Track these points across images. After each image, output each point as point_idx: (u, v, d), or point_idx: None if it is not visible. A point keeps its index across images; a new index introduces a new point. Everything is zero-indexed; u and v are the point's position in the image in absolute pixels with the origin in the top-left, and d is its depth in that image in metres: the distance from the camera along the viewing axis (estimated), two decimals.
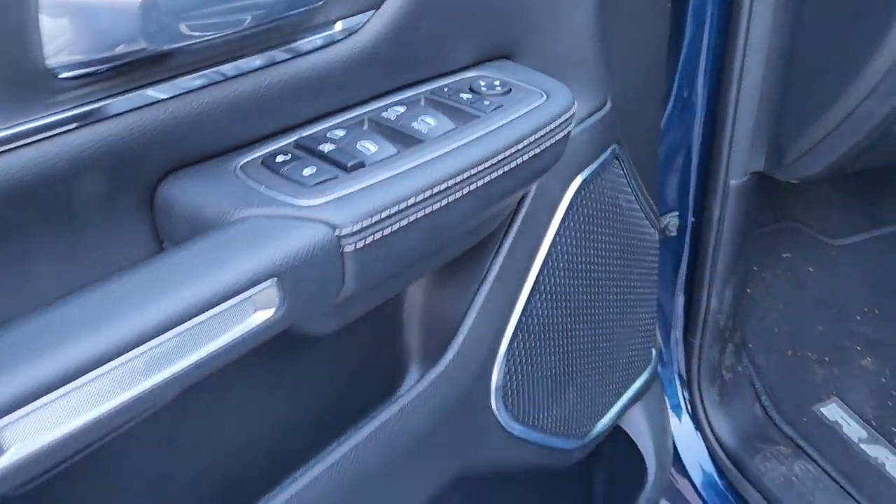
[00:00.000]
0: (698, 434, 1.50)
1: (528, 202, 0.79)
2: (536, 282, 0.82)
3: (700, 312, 1.44)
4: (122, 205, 0.51)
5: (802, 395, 1.56)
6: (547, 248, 0.82)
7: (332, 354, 0.72)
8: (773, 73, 1.14)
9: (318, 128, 0.59)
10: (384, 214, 0.53)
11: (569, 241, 0.86)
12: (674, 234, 1.39)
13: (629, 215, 0.97)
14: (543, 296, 0.84)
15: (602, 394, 1.02)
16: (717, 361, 1.50)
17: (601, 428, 1.05)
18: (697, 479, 1.46)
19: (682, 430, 1.49)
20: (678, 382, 1.51)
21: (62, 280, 0.48)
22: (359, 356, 0.76)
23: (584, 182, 0.85)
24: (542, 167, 0.68)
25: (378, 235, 0.54)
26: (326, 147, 0.56)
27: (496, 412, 0.81)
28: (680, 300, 1.45)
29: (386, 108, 0.62)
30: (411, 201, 0.55)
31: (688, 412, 1.50)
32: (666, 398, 1.51)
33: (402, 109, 0.62)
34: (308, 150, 0.57)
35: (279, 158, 0.55)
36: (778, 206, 1.93)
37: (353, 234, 0.52)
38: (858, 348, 1.65)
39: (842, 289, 1.78)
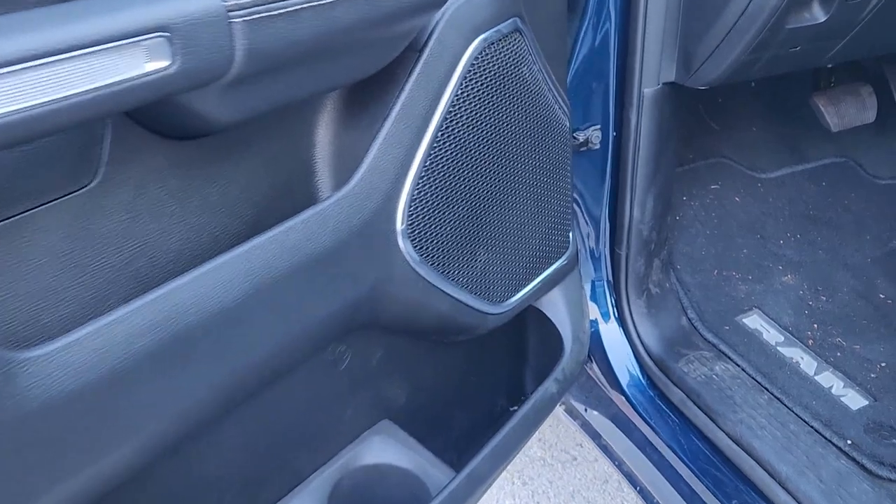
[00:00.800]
0: (625, 340, 1.58)
1: (427, 50, 0.86)
2: (439, 129, 0.89)
3: (624, 223, 1.52)
4: None
5: (726, 308, 1.64)
6: (448, 98, 0.89)
7: (249, 175, 0.79)
8: None
9: None
10: None
11: (472, 98, 0.93)
12: (597, 146, 1.48)
13: (535, 93, 1.04)
14: (447, 145, 0.91)
15: (516, 267, 1.09)
16: (643, 273, 1.59)
17: (517, 300, 1.12)
18: (624, 381, 1.54)
19: (610, 335, 1.56)
20: (607, 290, 1.59)
21: None
22: (275, 183, 0.82)
23: (485, 43, 0.92)
24: None
25: (265, 14, 0.61)
26: None
27: (402, 247, 0.87)
28: (606, 211, 1.54)
29: None
30: None
31: (616, 319, 1.58)
32: (595, 305, 1.59)
33: None
34: None
35: None
36: (708, 145, 2.02)
37: (241, 7, 0.59)
38: (780, 267, 1.75)
39: (766, 216, 1.88)
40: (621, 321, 1.58)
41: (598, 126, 1.45)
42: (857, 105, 1.79)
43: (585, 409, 1.69)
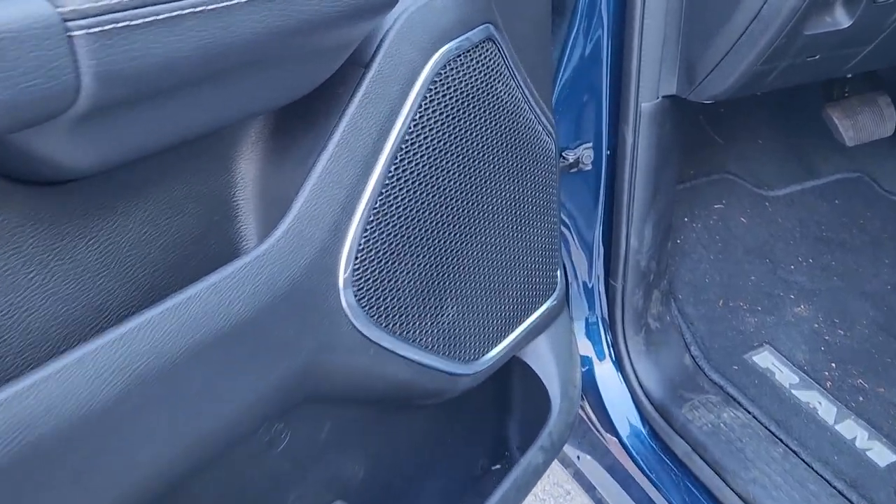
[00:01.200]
0: (623, 382, 1.41)
1: (375, 66, 0.69)
2: (392, 163, 0.72)
3: (620, 253, 1.36)
4: None
5: (733, 344, 1.48)
6: (403, 124, 0.72)
7: (144, 226, 0.62)
8: None
9: None
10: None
11: (434, 123, 0.76)
12: (589, 167, 1.31)
13: (514, 112, 0.88)
14: (403, 181, 0.74)
15: (494, 317, 0.92)
16: (641, 308, 1.42)
17: (495, 356, 0.95)
18: (622, 429, 1.37)
19: (605, 377, 1.40)
20: (601, 327, 1.43)
21: None
22: (180, 236, 0.65)
23: (450, 55, 0.76)
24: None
25: (124, 23, 0.44)
26: None
27: (346, 308, 0.71)
28: (599, 239, 1.37)
29: None
30: None
31: (612, 359, 1.41)
32: (589, 342, 1.42)
33: None
34: None
35: None
36: (711, 160, 1.86)
37: (85, 15, 0.42)
38: (792, 297, 1.58)
39: (775, 239, 1.71)
40: (618, 361, 1.41)
41: (590, 144, 1.29)
42: (875, 117, 1.63)
43: (578, 457, 1.52)
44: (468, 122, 0.80)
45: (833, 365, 1.42)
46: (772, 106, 1.87)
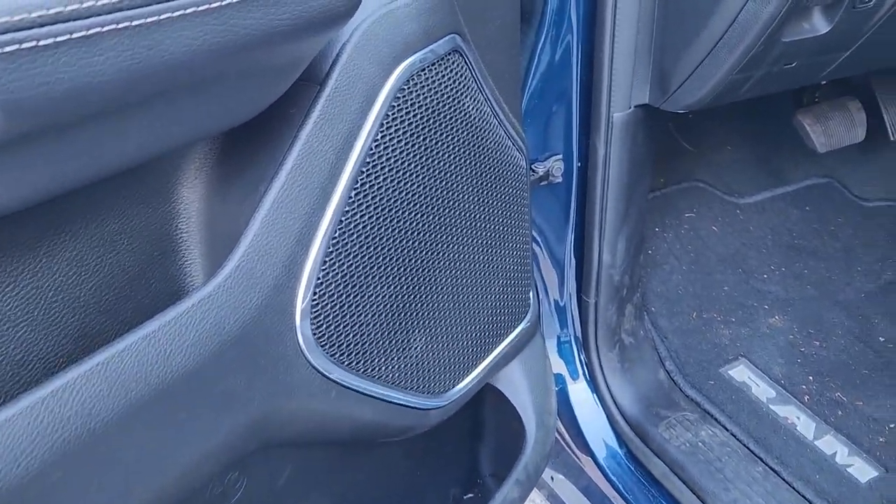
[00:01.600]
0: (597, 401, 1.37)
1: (332, 83, 0.63)
2: (353, 188, 0.66)
3: (592, 268, 1.31)
4: None
5: (708, 357, 1.44)
6: (364, 145, 0.66)
7: (72, 267, 0.55)
8: None
9: None
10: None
11: (398, 142, 0.70)
12: (559, 180, 1.26)
13: (483, 128, 0.82)
14: (364, 207, 0.68)
15: (464, 346, 0.86)
16: (615, 324, 1.37)
17: (466, 386, 0.89)
18: (597, 449, 1.33)
19: (580, 396, 1.35)
20: (574, 345, 1.38)
21: None
22: (114, 277, 0.58)
23: (413, 69, 0.70)
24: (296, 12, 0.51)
25: (29, 44, 0.37)
26: None
27: (304, 350, 0.64)
28: (571, 254, 1.32)
29: None
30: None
31: (586, 377, 1.36)
32: (562, 361, 1.37)
33: None
34: None
35: None
36: (681, 167, 1.83)
37: None
38: (766, 307, 1.55)
39: (747, 247, 1.69)
40: (592, 380, 1.37)
41: (560, 156, 1.24)
42: (846, 122, 1.61)
43: (552, 478, 1.47)
44: (434, 141, 0.74)
45: (810, 378, 1.39)
46: (741, 112, 1.84)
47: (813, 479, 1.20)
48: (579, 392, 1.39)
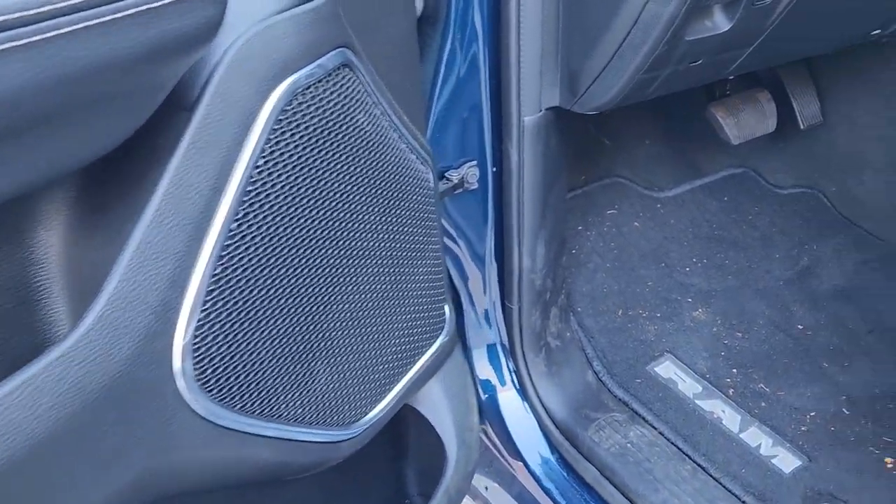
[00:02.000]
0: (527, 407, 1.35)
1: (202, 108, 0.58)
2: (234, 219, 0.61)
3: (514, 273, 1.29)
4: None
5: (635, 355, 1.44)
6: (244, 173, 0.61)
7: None
8: None
9: None
10: None
11: (283, 167, 0.66)
12: (475, 186, 1.23)
13: (380, 143, 0.78)
14: (250, 238, 0.63)
15: (375, 371, 0.82)
16: (540, 328, 1.36)
17: (380, 413, 0.86)
18: (529, 456, 1.31)
19: (509, 403, 1.33)
20: (501, 351, 1.35)
21: None
22: None
23: (298, 87, 0.65)
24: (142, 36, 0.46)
25: None
26: None
27: (189, 400, 0.59)
28: (492, 261, 1.30)
29: None
30: None
31: (514, 384, 1.34)
32: (491, 368, 1.35)
33: None
34: None
35: None
36: (600, 164, 1.82)
37: None
38: (689, 300, 1.56)
39: (669, 241, 1.69)
40: (521, 386, 1.35)
41: (475, 162, 1.21)
42: (757, 114, 1.63)
43: (486, 487, 1.44)
44: (326, 163, 0.70)
45: (734, 371, 1.40)
46: (658, 106, 1.84)
47: (739, 474, 1.21)
48: (509, 399, 1.37)
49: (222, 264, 0.60)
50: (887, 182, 1.70)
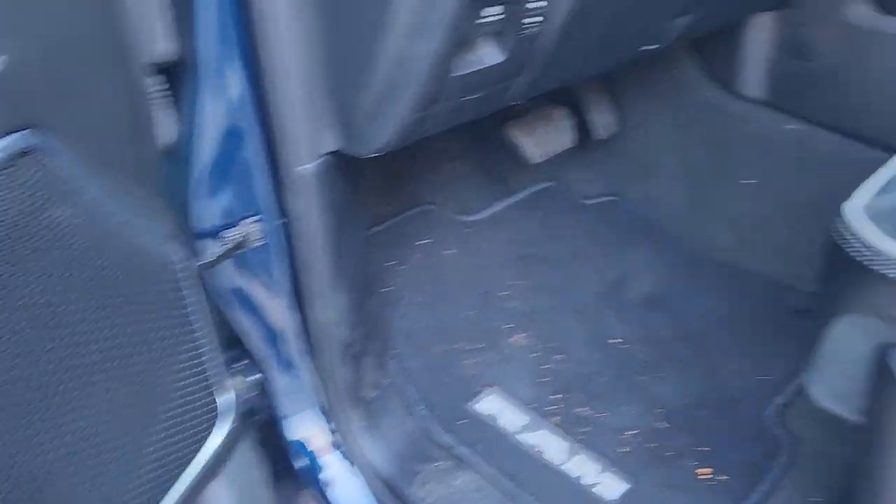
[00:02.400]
0: (353, 470, 1.25)
1: None
2: None
3: (318, 329, 1.19)
4: None
5: (458, 393, 1.38)
6: None
7: None
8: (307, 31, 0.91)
9: None
10: None
11: None
12: (263, 241, 1.12)
13: (91, 234, 0.66)
14: None
15: (125, 490, 0.70)
16: (353, 381, 1.27)
17: None
18: None
19: (333, 470, 1.23)
20: (321, 415, 1.26)
21: None
22: None
23: None
24: None
25: None
26: None
27: None
28: (294, 320, 1.19)
29: None
30: None
31: (335, 445, 1.24)
32: (315, 431, 1.25)
33: None
34: None
35: None
36: (408, 192, 1.76)
37: None
38: (510, 326, 1.53)
39: (485, 267, 1.66)
40: (343, 446, 1.25)
41: (258, 217, 1.10)
42: (553, 130, 1.63)
43: None
44: (13, 275, 0.57)
45: (559, 396, 1.37)
46: (460, 129, 1.81)
47: None
48: (331, 463, 1.27)
49: None
50: (681, 185, 1.76)
